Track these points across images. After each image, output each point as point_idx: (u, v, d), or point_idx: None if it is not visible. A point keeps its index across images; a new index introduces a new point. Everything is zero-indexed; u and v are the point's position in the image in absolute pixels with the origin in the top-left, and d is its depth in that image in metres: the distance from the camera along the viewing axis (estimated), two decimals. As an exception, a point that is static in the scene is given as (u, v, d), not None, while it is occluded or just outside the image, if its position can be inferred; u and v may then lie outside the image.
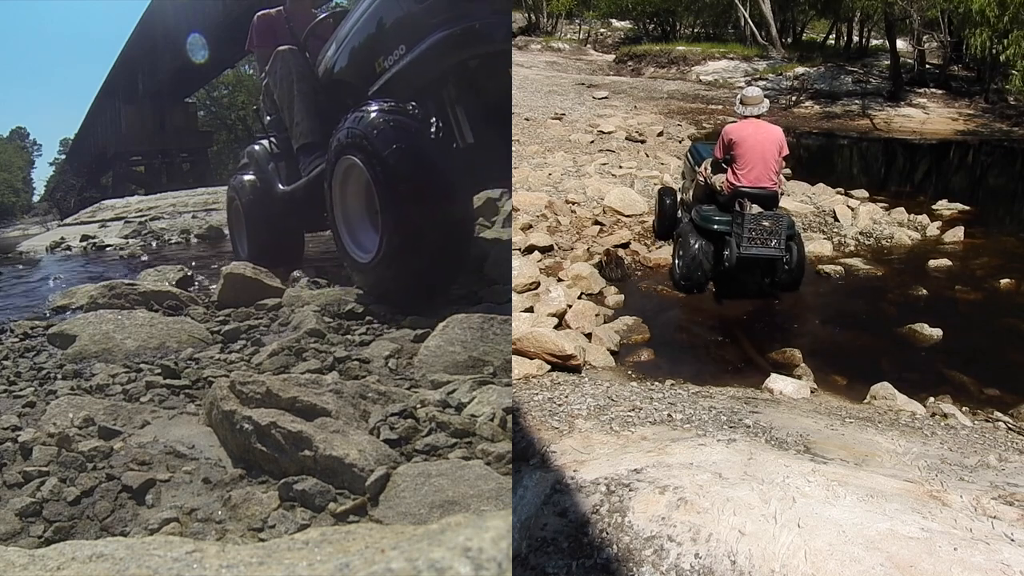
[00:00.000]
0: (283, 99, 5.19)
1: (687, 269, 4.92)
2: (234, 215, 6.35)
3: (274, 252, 5.56)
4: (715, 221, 4.90)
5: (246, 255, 5.88)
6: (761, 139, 4.85)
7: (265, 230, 5.65)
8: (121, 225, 12.17)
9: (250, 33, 5.77)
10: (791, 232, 4.74)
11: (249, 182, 5.78)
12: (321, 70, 5.00)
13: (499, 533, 1.18)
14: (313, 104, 5.02)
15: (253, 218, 5.76)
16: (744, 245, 4.63)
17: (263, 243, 5.70)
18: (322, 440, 2.04)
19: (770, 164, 4.81)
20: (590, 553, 1.85)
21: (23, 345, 3.82)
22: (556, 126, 11.11)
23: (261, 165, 5.70)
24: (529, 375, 3.42)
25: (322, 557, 1.38)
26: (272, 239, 5.64)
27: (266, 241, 5.67)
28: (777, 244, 4.62)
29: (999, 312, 4.80)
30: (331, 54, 4.83)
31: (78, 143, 35.42)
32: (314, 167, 4.82)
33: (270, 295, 4.44)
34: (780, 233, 4.62)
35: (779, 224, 4.63)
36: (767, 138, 4.87)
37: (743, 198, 4.74)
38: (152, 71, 25.11)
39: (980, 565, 1.67)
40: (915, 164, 12.02)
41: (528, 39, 23.64)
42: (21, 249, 11.62)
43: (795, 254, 4.76)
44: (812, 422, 2.80)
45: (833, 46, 19.64)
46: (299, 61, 5.12)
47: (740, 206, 4.73)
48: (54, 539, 1.83)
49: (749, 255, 4.66)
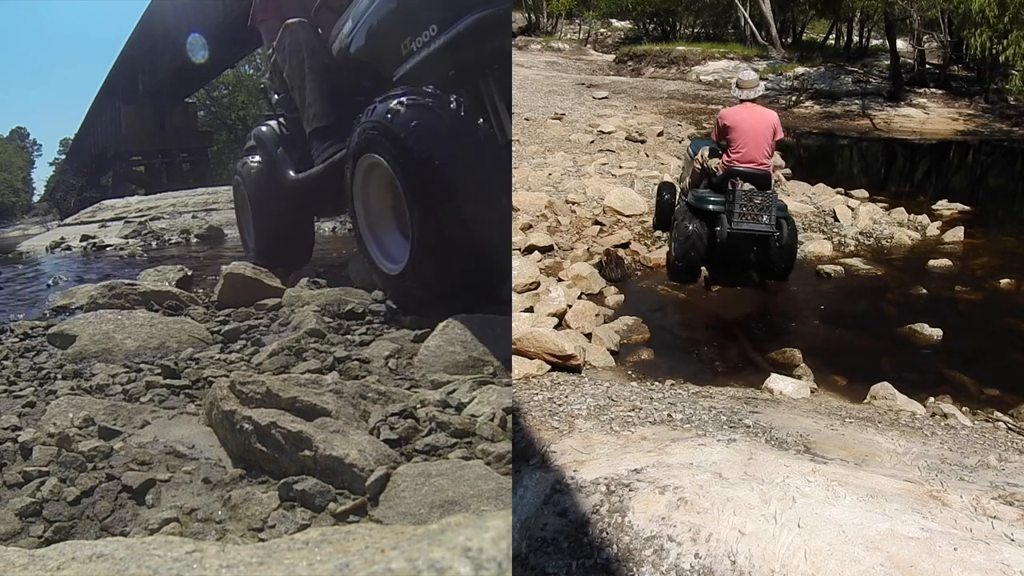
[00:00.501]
0: (293, 77, 4.74)
1: (682, 250, 5.01)
2: (240, 202, 5.88)
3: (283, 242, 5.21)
4: (709, 201, 5.01)
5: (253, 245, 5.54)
6: (755, 122, 4.97)
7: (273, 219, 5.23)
8: (121, 225, 12.16)
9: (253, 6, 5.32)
10: (782, 212, 4.89)
11: (256, 167, 5.33)
12: (336, 48, 4.55)
13: (499, 533, 1.18)
14: (326, 83, 4.57)
15: (260, 206, 5.32)
16: (735, 221, 4.76)
17: (272, 232, 5.30)
18: (322, 440, 2.04)
19: (763, 146, 4.93)
20: (590, 553, 1.85)
21: (23, 345, 3.82)
22: (556, 126, 11.10)
23: (269, 148, 5.21)
24: (529, 375, 3.42)
25: (322, 557, 1.38)
26: (281, 228, 5.22)
27: (275, 230, 5.26)
28: (768, 220, 4.76)
29: (999, 312, 4.80)
30: (347, 31, 4.39)
31: (78, 143, 35.42)
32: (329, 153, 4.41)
33: (270, 295, 4.44)
34: (770, 209, 4.76)
35: (769, 201, 4.78)
36: (760, 121, 4.99)
37: (735, 177, 4.86)
38: (152, 71, 25.10)
39: (980, 565, 1.67)
40: (915, 164, 12.02)
41: (528, 39, 23.63)
42: (21, 249, 11.62)
43: (785, 232, 4.87)
44: (812, 422, 2.80)
45: (833, 46, 19.63)
46: (310, 35, 4.67)
47: (732, 185, 4.85)
48: (54, 539, 1.83)
49: (740, 230, 4.78)
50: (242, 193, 5.67)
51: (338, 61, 4.57)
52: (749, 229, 4.79)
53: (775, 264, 5.00)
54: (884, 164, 12.04)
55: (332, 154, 4.37)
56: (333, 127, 4.46)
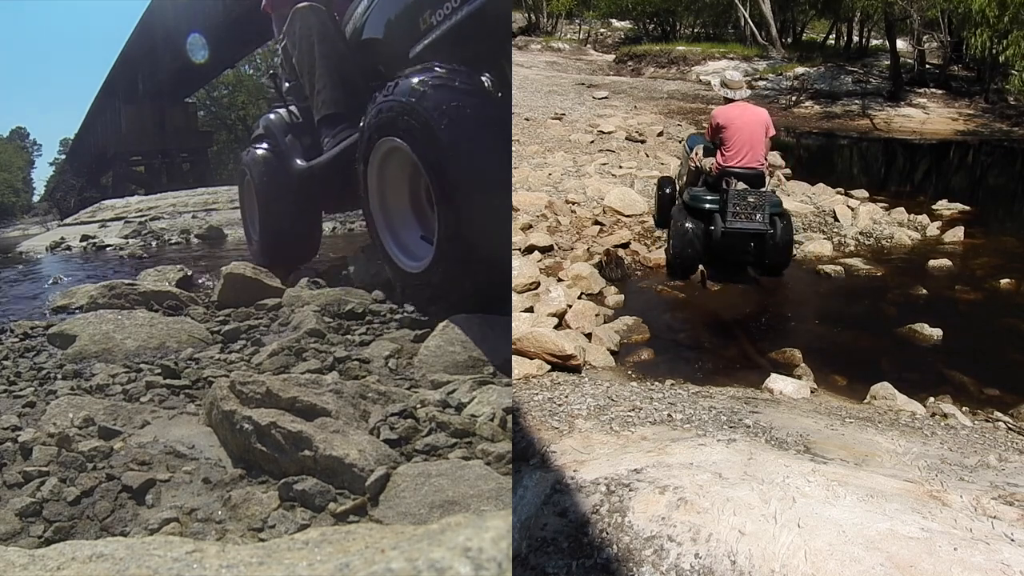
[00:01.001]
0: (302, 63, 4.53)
1: (679, 248, 5.10)
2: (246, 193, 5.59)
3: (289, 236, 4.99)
4: (705, 200, 5.09)
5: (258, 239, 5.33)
6: (748, 120, 5.06)
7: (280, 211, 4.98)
8: (121, 225, 12.16)
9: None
10: (776, 209, 4.98)
11: (263, 156, 5.04)
12: (349, 30, 4.34)
13: (499, 533, 1.18)
14: (337, 70, 4.36)
15: (267, 197, 5.04)
16: (729, 220, 4.86)
17: (277, 226, 5.05)
18: (322, 440, 2.04)
19: (756, 146, 5.02)
20: (590, 553, 1.85)
21: (23, 345, 3.82)
22: (556, 126, 11.11)
23: (277, 137, 4.99)
24: (529, 375, 3.42)
25: (322, 557, 1.38)
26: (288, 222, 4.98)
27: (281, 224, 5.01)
28: (762, 218, 4.85)
29: (999, 312, 4.80)
30: (361, 11, 4.19)
31: (78, 143, 35.40)
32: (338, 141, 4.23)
33: (270, 295, 4.43)
34: (764, 208, 4.84)
35: (763, 200, 4.86)
36: (753, 120, 5.07)
37: (729, 176, 4.95)
38: (152, 71, 25.08)
39: (980, 565, 1.67)
40: (915, 164, 12.02)
41: (528, 39, 23.64)
42: (21, 249, 11.61)
43: (779, 230, 4.94)
44: (812, 422, 2.80)
45: (833, 46, 19.64)
46: (321, 19, 4.46)
47: (726, 184, 4.94)
48: (54, 539, 1.83)
49: (734, 229, 4.88)
50: (248, 184, 5.41)
51: (351, 44, 4.36)
52: (743, 228, 4.88)
53: (771, 260, 5.08)
54: (884, 164, 12.05)
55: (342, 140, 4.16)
56: (343, 114, 4.28)
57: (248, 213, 5.77)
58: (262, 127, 5.30)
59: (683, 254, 5.09)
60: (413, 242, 3.44)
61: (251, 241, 5.74)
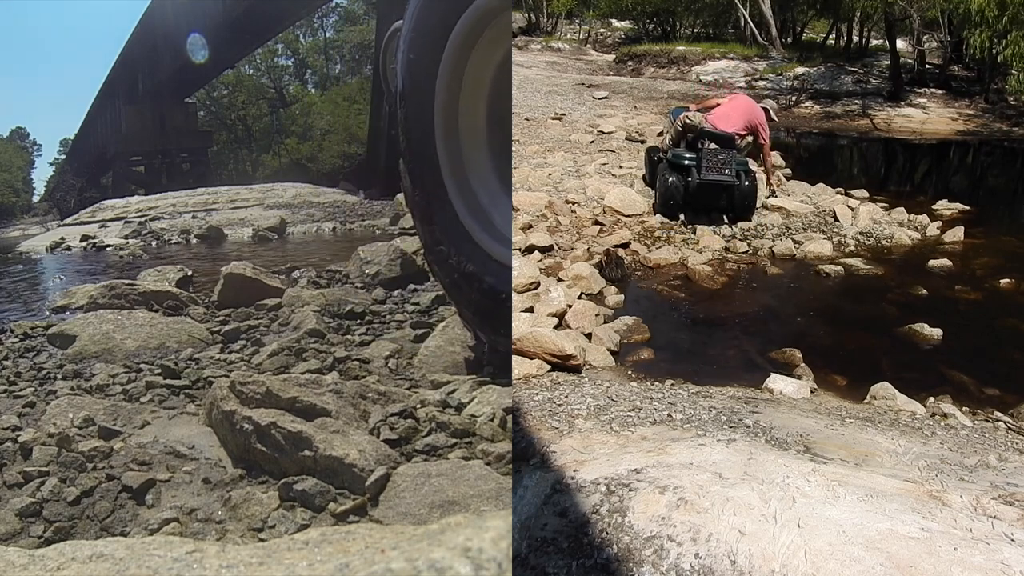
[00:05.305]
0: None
1: (663, 198, 6.20)
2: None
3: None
4: (684, 158, 6.16)
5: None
6: (738, 105, 6.35)
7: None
8: (121, 225, 12.17)
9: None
10: (743, 167, 6.09)
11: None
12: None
13: (499, 533, 1.18)
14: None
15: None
16: (703, 173, 5.97)
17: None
18: (322, 440, 2.04)
19: (735, 120, 6.22)
20: (590, 553, 1.85)
21: (23, 345, 3.82)
22: (556, 126, 11.10)
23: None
24: (529, 375, 3.42)
25: (322, 557, 1.38)
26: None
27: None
28: (730, 172, 5.97)
29: (999, 312, 4.80)
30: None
31: (78, 143, 35.43)
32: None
33: (270, 295, 4.44)
34: (731, 164, 5.98)
35: (730, 157, 6.02)
36: (744, 106, 6.33)
37: (704, 138, 6.13)
38: (152, 71, 25.10)
39: (980, 565, 1.67)
40: (915, 164, 12.02)
41: (528, 39, 23.61)
42: (21, 249, 11.62)
43: (745, 182, 6.06)
44: (812, 422, 2.80)
45: (833, 46, 19.62)
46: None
47: (701, 144, 6.12)
48: (54, 539, 1.83)
49: (707, 181, 5.97)
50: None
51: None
52: (715, 180, 5.96)
53: (737, 207, 6.14)
54: (884, 164, 12.04)
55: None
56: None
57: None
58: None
59: (667, 203, 6.17)
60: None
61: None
